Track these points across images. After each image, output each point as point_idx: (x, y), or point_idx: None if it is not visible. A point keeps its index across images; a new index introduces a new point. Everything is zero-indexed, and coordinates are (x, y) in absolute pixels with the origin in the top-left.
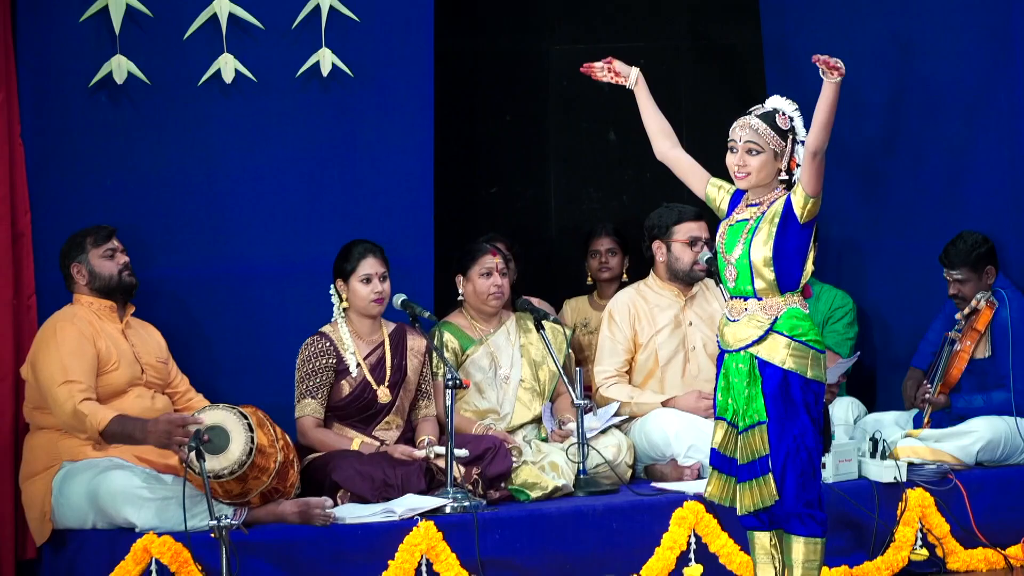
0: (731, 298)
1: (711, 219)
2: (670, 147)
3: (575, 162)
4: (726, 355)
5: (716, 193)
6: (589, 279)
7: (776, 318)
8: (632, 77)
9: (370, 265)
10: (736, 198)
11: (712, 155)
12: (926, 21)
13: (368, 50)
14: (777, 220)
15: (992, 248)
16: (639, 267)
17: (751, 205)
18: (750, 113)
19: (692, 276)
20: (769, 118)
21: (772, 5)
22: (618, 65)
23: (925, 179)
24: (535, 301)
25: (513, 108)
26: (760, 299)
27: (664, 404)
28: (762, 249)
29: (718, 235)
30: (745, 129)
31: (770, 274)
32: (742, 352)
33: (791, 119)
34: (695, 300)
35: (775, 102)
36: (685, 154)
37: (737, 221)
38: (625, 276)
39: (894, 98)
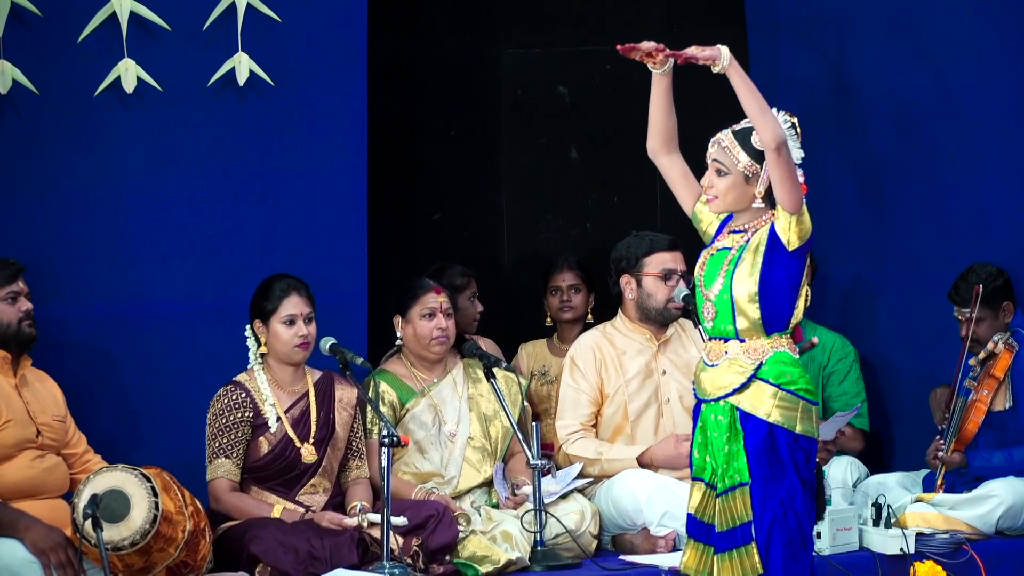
0: (709, 339)
1: (693, 249)
2: (668, 147)
3: (532, 184)
4: (703, 405)
5: (706, 213)
6: (548, 320)
7: (761, 363)
8: (724, 58)
9: (293, 304)
10: (723, 224)
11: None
12: (943, 20)
13: (291, 55)
14: (763, 249)
15: (1008, 281)
16: (606, 306)
17: (735, 232)
18: (730, 127)
19: (666, 316)
20: (743, 136)
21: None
22: (694, 50)
23: (941, 203)
24: (485, 344)
25: (459, 121)
26: (743, 341)
27: (639, 458)
28: (746, 283)
29: (698, 265)
30: (715, 146)
31: (755, 312)
32: (721, 402)
33: None
34: (669, 345)
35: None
36: (681, 160)
37: (718, 250)
38: (590, 316)
39: (904, 108)
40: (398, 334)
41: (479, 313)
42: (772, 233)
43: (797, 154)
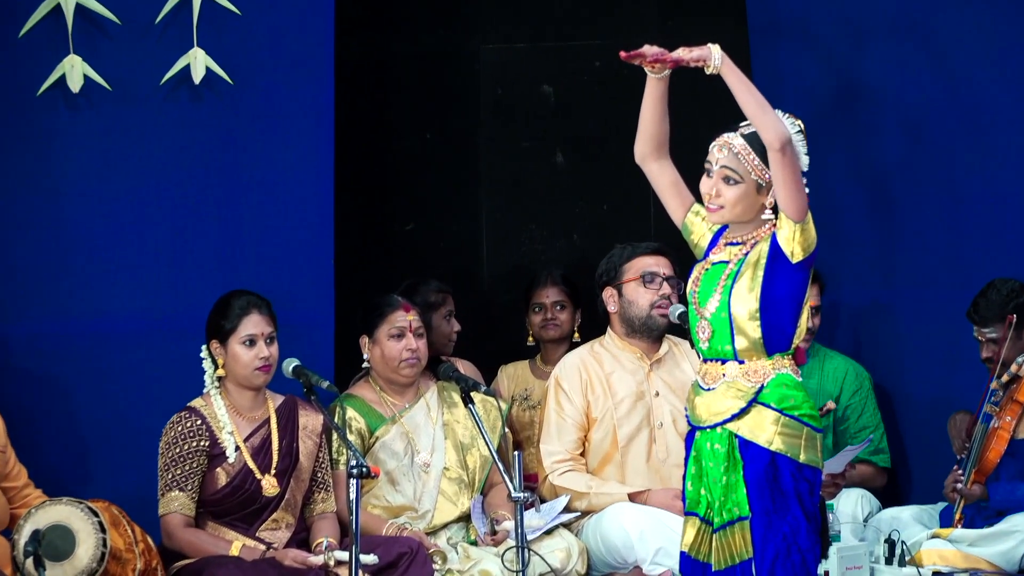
0: (704, 361)
1: (686, 262)
2: (657, 153)
3: (513, 191)
4: (697, 433)
5: (697, 224)
6: (531, 339)
7: (762, 386)
8: (716, 57)
9: (254, 323)
10: (718, 235)
11: (685, 180)
12: (958, 19)
13: (251, 51)
14: (763, 262)
15: None
16: (593, 324)
17: (732, 244)
18: (736, 129)
19: (651, 324)
20: (757, 140)
21: None
22: (681, 52)
23: (957, 215)
24: (462, 366)
25: (435, 123)
26: (742, 362)
27: (632, 498)
28: (746, 299)
29: (691, 281)
30: (724, 150)
31: (755, 331)
32: (718, 429)
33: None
34: (663, 364)
35: None
36: (671, 166)
37: (714, 264)
38: (576, 335)
39: (917, 114)
40: (365, 356)
41: (455, 332)
42: (774, 245)
43: (803, 160)
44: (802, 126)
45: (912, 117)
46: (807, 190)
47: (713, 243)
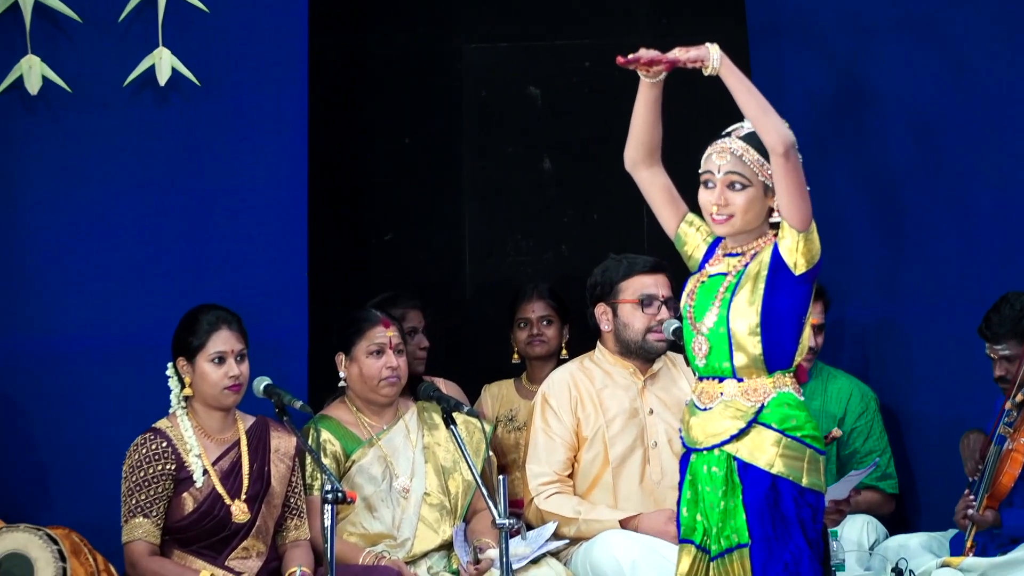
0: (700, 379)
1: (683, 275)
2: (649, 159)
3: (498, 200)
4: (693, 455)
5: (692, 235)
6: (516, 356)
7: (762, 406)
8: (714, 58)
9: (223, 340)
10: (713, 247)
11: (681, 188)
12: (970, 17)
13: (220, 51)
14: (764, 274)
15: None
16: (582, 340)
17: (730, 255)
18: (730, 134)
19: (647, 349)
20: (756, 140)
21: None
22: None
23: (968, 225)
24: (443, 385)
25: (415, 127)
26: (741, 380)
27: (623, 524)
28: (746, 314)
29: (685, 294)
30: (725, 156)
31: (756, 347)
32: (716, 451)
33: None
34: (657, 380)
35: None
36: (663, 174)
37: (711, 276)
38: (564, 352)
39: (926, 118)
40: (341, 374)
41: (422, 349)
42: (775, 256)
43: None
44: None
45: (921, 120)
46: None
47: (709, 254)
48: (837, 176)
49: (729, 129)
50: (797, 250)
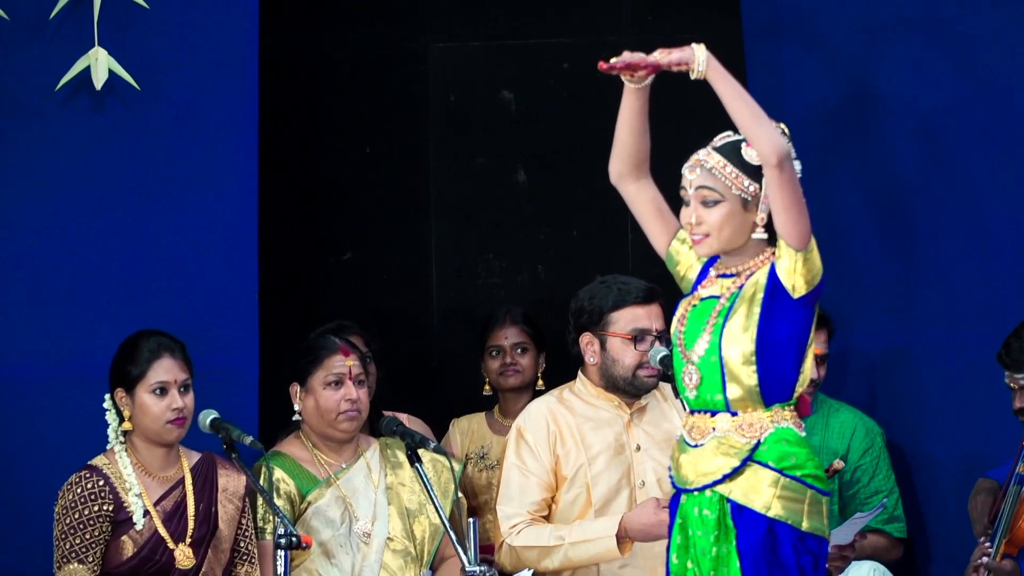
0: (691, 413)
1: (675, 299)
2: (636, 172)
3: (468, 215)
4: (683, 496)
5: (684, 254)
6: (487, 387)
7: (758, 442)
8: (700, 60)
9: (165, 369)
10: (708, 266)
11: (673, 202)
12: (983, 14)
13: (162, 51)
14: (760, 297)
15: None
16: (560, 370)
17: (724, 276)
18: (708, 146)
19: (637, 386)
20: (731, 150)
21: None
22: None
23: (985, 241)
24: (407, 420)
25: (376, 135)
26: (735, 414)
27: (619, 540)
28: (739, 340)
29: (676, 319)
30: (696, 169)
31: (751, 377)
32: (707, 492)
33: None
34: (645, 414)
35: None
36: (652, 187)
37: (702, 300)
38: (540, 383)
39: (938, 124)
40: (296, 407)
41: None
42: (772, 277)
43: (795, 165)
44: (784, 127)
45: (933, 127)
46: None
47: (703, 275)
48: (840, 188)
49: (718, 138)
50: (795, 271)
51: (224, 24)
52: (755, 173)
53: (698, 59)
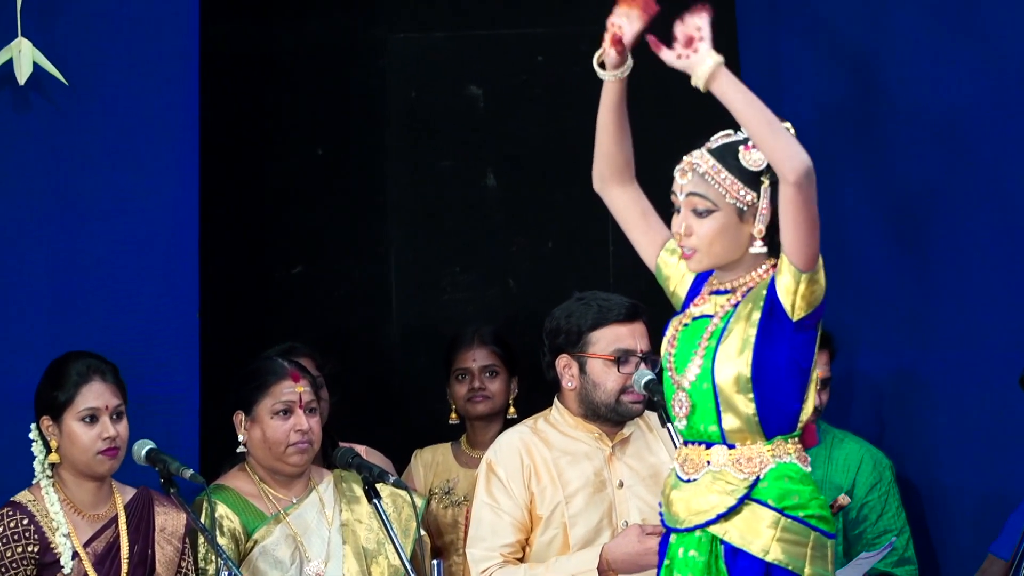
0: (684, 444)
1: (663, 315)
2: (621, 176)
3: (431, 223)
4: (673, 536)
5: (673, 266)
6: (454, 415)
7: (757, 479)
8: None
9: (96, 394)
10: (701, 280)
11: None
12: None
13: (93, 43)
14: (757, 317)
15: None
16: (534, 397)
17: (718, 293)
18: (703, 146)
19: (620, 413)
20: (728, 153)
21: None
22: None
23: (1008, 253)
24: (364, 451)
25: (330, 136)
26: (732, 447)
27: (601, 571)
28: (734, 364)
29: (665, 340)
30: (687, 174)
31: (748, 406)
32: (697, 532)
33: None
34: (628, 445)
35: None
36: (639, 193)
37: (695, 319)
38: (512, 411)
39: (955, 123)
40: (241, 437)
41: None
42: (771, 294)
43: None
44: (790, 128)
45: (950, 128)
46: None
47: (695, 290)
48: (845, 194)
49: (714, 137)
50: (796, 292)
51: (162, 13)
52: (753, 180)
53: (698, 73)
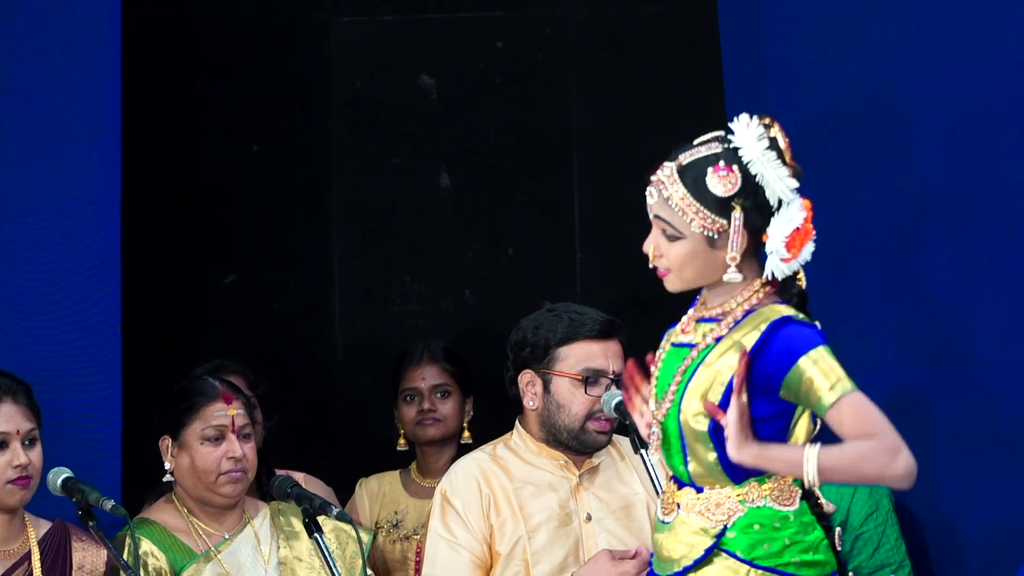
0: (668, 479)
1: (654, 331)
2: None
3: (378, 227)
4: None
5: None
6: (402, 441)
7: (724, 527)
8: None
9: (5, 417)
10: (695, 299)
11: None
12: None
13: (5, 29)
14: (735, 361)
15: None
16: (492, 420)
17: (705, 320)
18: (676, 158)
19: (583, 442)
20: (697, 174)
21: None
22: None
23: (1018, 260)
24: (303, 480)
25: (266, 131)
26: (700, 490)
27: None
28: (697, 407)
29: (657, 354)
30: (655, 193)
31: (708, 454)
32: None
33: (743, 171)
34: (597, 476)
35: (738, 132)
36: None
37: (676, 345)
38: (466, 435)
39: (970, 124)
40: (167, 465)
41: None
42: (756, 347)
43: (782, 186)
44: (777, 130)
45: (959, 129)
46: (814, 234)
47: (690, 305)
48: (838, 201)
49: (686, 146)
50: (791, 396)
51: None
52: (722, 207)
53: (808, 473)
